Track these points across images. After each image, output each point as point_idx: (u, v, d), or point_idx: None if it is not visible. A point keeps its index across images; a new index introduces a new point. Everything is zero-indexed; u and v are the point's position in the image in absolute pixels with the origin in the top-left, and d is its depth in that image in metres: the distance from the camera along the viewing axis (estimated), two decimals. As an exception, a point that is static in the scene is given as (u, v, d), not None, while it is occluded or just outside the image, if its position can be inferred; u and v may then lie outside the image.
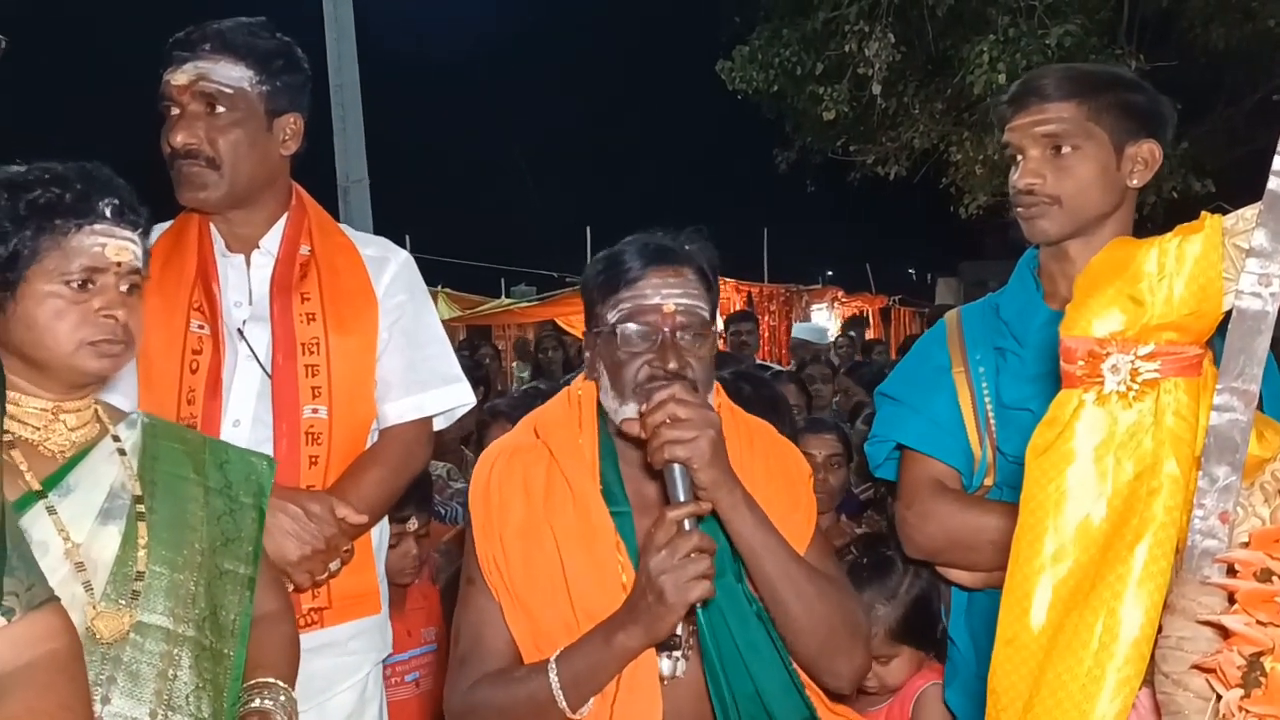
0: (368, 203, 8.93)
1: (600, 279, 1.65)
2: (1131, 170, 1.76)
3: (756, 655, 1.57)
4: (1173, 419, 1.08)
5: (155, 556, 1.50)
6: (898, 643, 2.09)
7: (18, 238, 1.46)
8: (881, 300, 18.76)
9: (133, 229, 1.54)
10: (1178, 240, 1.08)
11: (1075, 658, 1.07)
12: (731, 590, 1.59)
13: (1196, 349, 1.09)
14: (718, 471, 1.53)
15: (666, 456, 1.51)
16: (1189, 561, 1.06)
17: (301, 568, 1.83)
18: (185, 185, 1.92)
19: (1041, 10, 8.97)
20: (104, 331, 1.48)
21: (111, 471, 1.52)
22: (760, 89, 10.73)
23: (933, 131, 10.98)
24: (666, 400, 1.51)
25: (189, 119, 1.90)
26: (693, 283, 1.63)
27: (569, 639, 1.57)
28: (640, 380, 1.58)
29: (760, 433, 1.77)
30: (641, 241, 1.66)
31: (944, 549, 1.85)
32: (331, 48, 8.75)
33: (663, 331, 1.58)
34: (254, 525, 1.65)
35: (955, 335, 1.91)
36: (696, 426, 1.50)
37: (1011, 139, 1.81)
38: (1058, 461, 1.12)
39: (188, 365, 1.90)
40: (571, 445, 1.67)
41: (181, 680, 1.47)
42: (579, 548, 1.60)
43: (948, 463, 1.86)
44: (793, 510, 1.68)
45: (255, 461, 1.71)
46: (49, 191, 1.48)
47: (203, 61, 1.89)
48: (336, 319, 1.99)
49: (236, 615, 1.57)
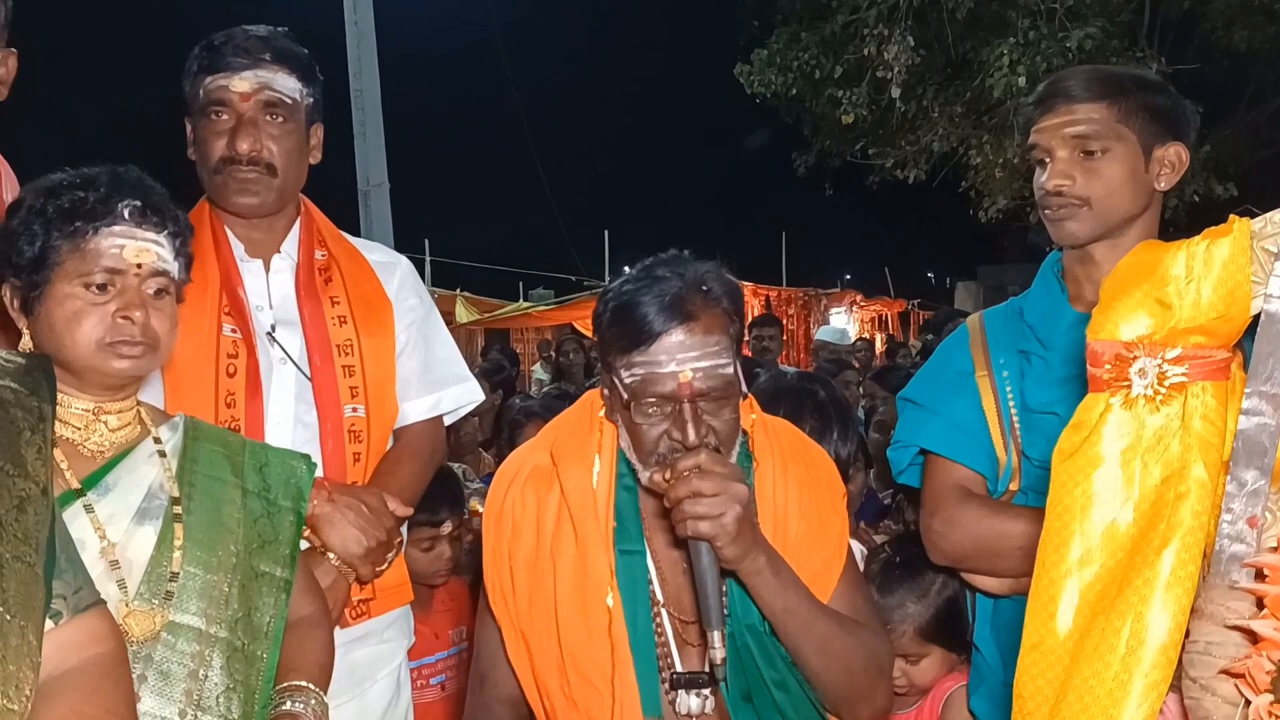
0: (388, 207, 8.99)
1: (613, 329, 1.53)
2: (1159, 173, 1.75)
3: (785, 693, 1.55)
4: (1200, 423, 1.08)
5: (190, 557, 1.50)
6: (928, 642, 2.07)
7: (43, 240, 1.48)
8: (900, 304, 18.73)
9: (157, 230, 1.53)
10: (1205, 243, 1.08)
11: (1102, 662, 1.07)
12: (757, 633, 1.56)
13: (1225, 353, 1.09)
14: (742, 547, 1.47)
15: (690, 532, 1.45)
16: (1217, 566, 1.05)
17: (367, 560, 1.88)
18: (238, 191, 1.94)
19: (1062, 13, 8.93)
20: (121, 333, 1.48)
21: (151, 472, 1.53)
22: (779, 92, 10.74)
23: (952, 135, 10.95)
24: (689, 475, 1.44)
25: (251, 126, 1.92)
26: (714, 336, 1.49)
27: (559, 682, 1.56)
28: (661, 452, 1.51)
29: (797, 458, 1.69)
30: (657, 290, 1.50)
31: (970, 555, 1.83)
32: (352, 53, 8.82)
33: (681, 402, 1.48)
34: (291, 529, 1.65)
35: (978, 339, 1.90)
36: (722, 503, 1.43)
37: (1039, 140, 1.79)
38: (1084, 465, 1.12)
39: (224, 369, 1.92)
40: (583, 480, 1.61)
41: (212, 681, 1.47)
42: (573, 590, 1.57)
43: (972, 468, 1.84)
44: (824, 546, 1.64)
45: (295, 465, 1.71)
46: (74, 195, 1.50)
47: (263, 70, 1.92)
48: (364, 321, 2.04)
49: (271, 618, 1.57)
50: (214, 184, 1.95)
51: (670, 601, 1.61)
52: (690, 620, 1.60)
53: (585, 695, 1.55)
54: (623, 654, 1.53)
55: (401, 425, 2.12)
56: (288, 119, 1.96)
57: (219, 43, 1.94)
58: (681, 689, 1.56)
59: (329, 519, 1.83)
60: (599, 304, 1.59)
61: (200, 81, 1.93)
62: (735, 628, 1.55)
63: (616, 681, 1.52)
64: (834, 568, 1.63)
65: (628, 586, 1.57)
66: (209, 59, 1.93)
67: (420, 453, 2.11)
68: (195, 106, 1.96)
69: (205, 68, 1.93)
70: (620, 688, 1.52)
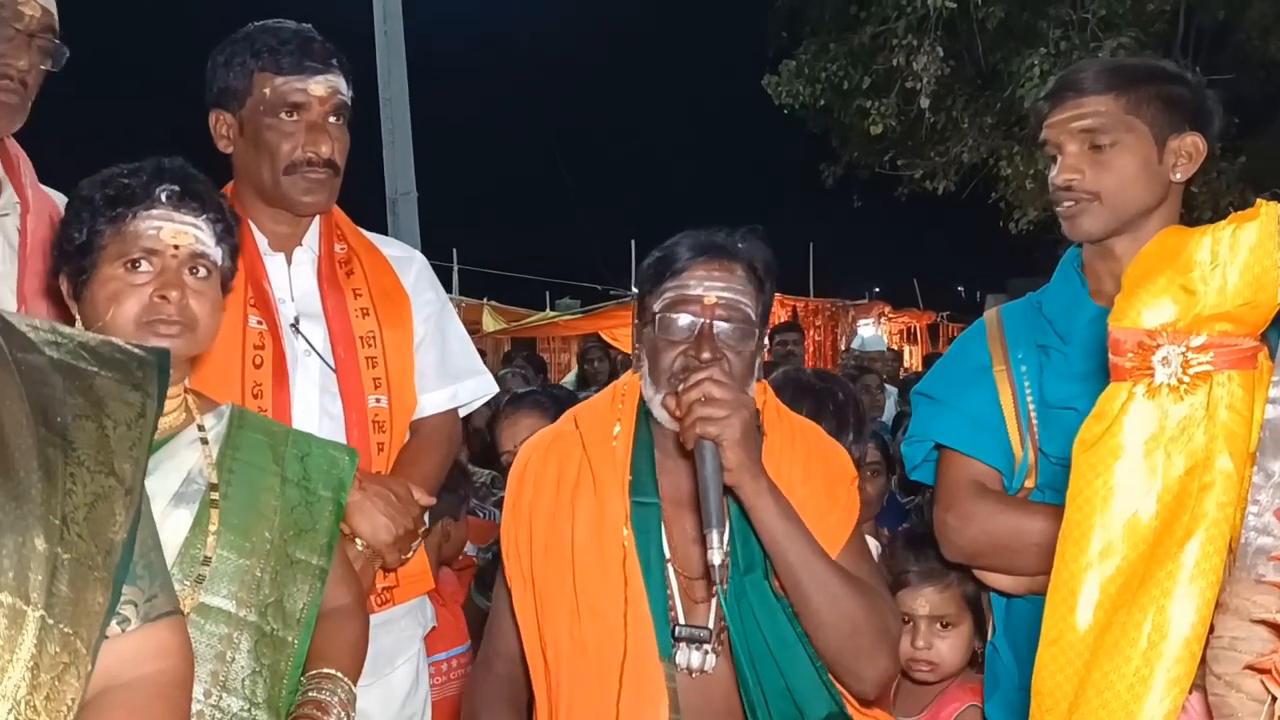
0: (415, 215, 9.04)
1: (650, 270, 1.68)
2: (1175, 164, 1.72)
3: (785, 650, 1.57)
4: (1226, 413, 1.05)
5: (224, 542, 1.52)
6: (965, 608, 2.04)
7: (90, 226, 1.55)
8: (929, 316, 18.58)
9: (195, 214, 1.57)
10: (1231, 228, 1.05)
11: (1123, 657, 1.04)
12: (760, 586, 1.60)
13: (1251, 341, 1.06)
14: (745, 454, 1.54)
15: (698, 432, 1.52)
16: (1242, 559, 1.02)
17: (395, 547, 1.91)
18: (308, 190, 2.00)
19: (1094, 23, 8.88)
20: (158, 312, 1.52)
21: (191, 458, 1.56)
22: (807, 103, 10.73)
23: (982, 146, 10.90)
24: (703, 380, 1.54)
25: (326, 129, 1.99)
26: (739, 279, 1.63)
27: (569, 626, 1.60)
28: (675, 370, 1.60)
29: (805, 434, 1.76)
30: (694, 235, 1.67)
31: (984, 552, 1.80)
32: (382, 62, 8.88)
33: (702, 322, 1.60)
34: (330, 518, 1.67)
35: (996, 333, 1.87)
36: (730, 407, 1.52)
37: (1049, 135, 1.78)
38: (1106, 456, 1.09)
39: (250, 360, 1.96)
40: (603, 435, 1.70)
41: (239, 664, 1.49)
42: (590, 532, 1.63)
43: (988, 463, 1.82)
44: (829, 511, 1.67)
45: (337, 456, 1.73)
46: (119, 183, 1.56)
47: (333, 75, 2.00)
48: (385, 314, 2.09)
49: (305, 605, 1.59)
50: (280, 183, 1.99)
51: (676, 558, 1.66)
52: (695, 577, 1.65)
53: (597, 636, 1.58)
54: (636, 588, 1.59)
55: (419, 417, 2.15)
56: (344, 120, 2.04)
57: (278, 44, 1.96)
58: (683, 642, 1.59)
59: (359, 506, 1.86)
60: (644, 263, 1.71)
61: (265, 81, 1.96)
62: (735, 579, 1.59)
63: (629, 616, 1.58)
64: (840, 533, 1.66)
65: (641, 532, 1.63)
66: (273, 60, 1.95)
67: (440, 444, 2.16)
68: (250, 104, 1.97)
69: (270, 67, 1.95)
70: (633, 623, 1.57)
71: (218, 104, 2.02)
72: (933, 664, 2.05)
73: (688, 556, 1.66)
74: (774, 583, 1.60)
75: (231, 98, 2.00)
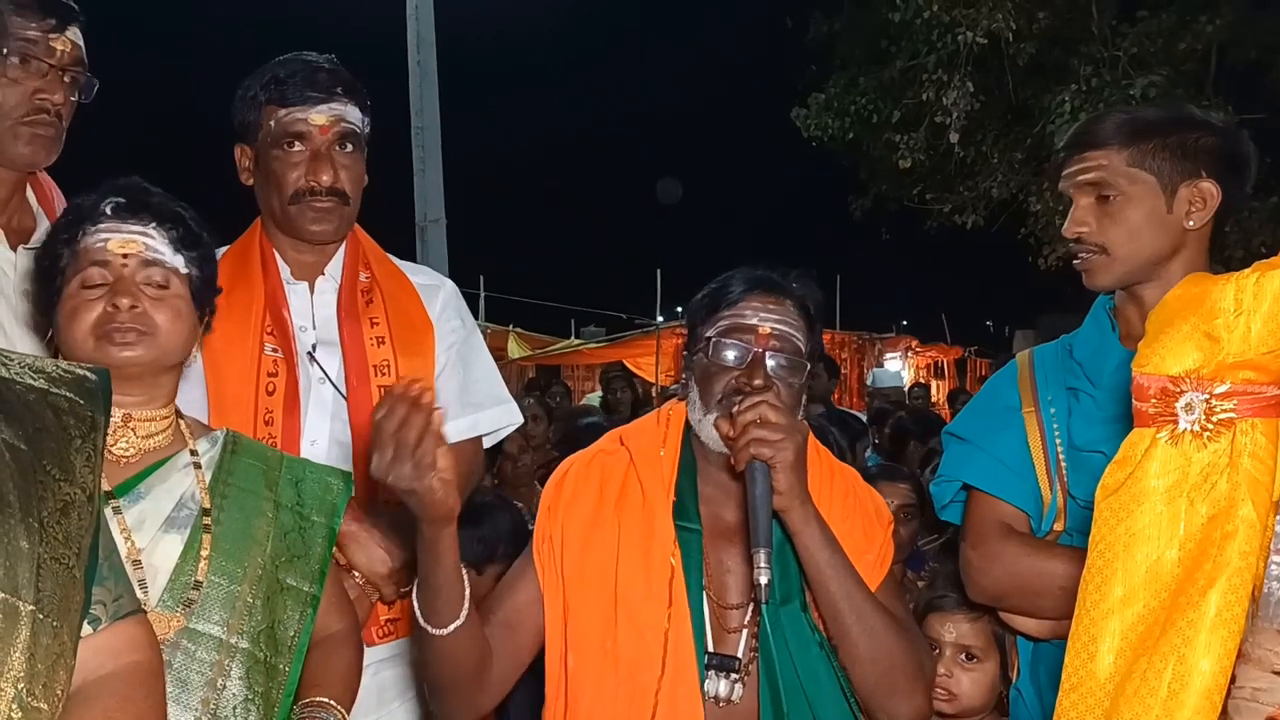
0: (444, 242, 9.12)
1: (704, 300, 1.71)
2: (1188, 212, 1.71)
3: (816, 684, 1.56)
4: (1249, 461, 1.04)
5: (215, 567, 1.52)
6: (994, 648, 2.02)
7: (53, 252, 1.58)
8: (957, 351, 18.47)
9: (143, 224, 1.57)
10: (1255, 276, 1.05)
11: (1143, 705, 1.03)
12: (796, 617, 1.59)
13: (1276, 389, 1.05)
14: (797, 479, 1.54)
15: (753, 452, 1.53)
16: (1265, 609, 1.02)
17: (390, 580, 1.89)
18: (314, 220, 2.00)
19: (1125, 61, 8.86)
20: (109, 320, 1.51)
21: (184, 483, 1.56)
22: (835, 136, 10.74)
23: (1011, 181, 10.86)
24: (760, 402, 1.55)
25: (327, 158, 1.99)
26: (792, 313, 1.67)
27: (603, 632, 1.59)
28: (726, 393, 1.62)
29: (843, 473, 1.77)
30: (749, 270, 1.71)
31: (1009, 593, 1.79)
32: (414, 92, 9.00)
33: (755, 351, 1.63)
34: (323, 544, 1.66)
35: (1026, 375, 1.87)
36: (785, 430, 1.53)
37: (1064, 188, 1.81)
38: (1128, 502, 1.09)
39: (264, 387, 1.96)
40: (652, 454, 1.71)
41: (230, 691, 1.48)
42: (636, 548, 1.63)
43: (1016, 505, 1.81)
44: (866, 549, 1.67)
45: (332, 481, 1.72)
46: (74, 204, 1.59)
47: (336, 103, 2.00)
48: (402, 342, 2.07)
49: (296, 632, 1.58)
50: (288, 213, 2.00)
51: (712, 586, 1.66)
52: (729, 606, 1.64)
53: (632, 651, 1.58)
54: (680, 610, 1.59)
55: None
56: (355, 148, 2.03)
57: (284, 75, 1.99)
58: (713, 670, 1.59)
59: (355, 537, 1.84)
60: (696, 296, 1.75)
61: (270, 113, 1.98)
62: (772, 609, 1.58)
63: (671, 636, 1.57)
64: (877, 573, 1.66)
65: (685, 556, 1.63)
66: (278, 91, 1.98)
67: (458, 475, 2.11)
68: (260, 136, 2.01)
69: (275, 99, 1.98)
70: (674, 644, 1.57)
71: (239, 138, 2.06)
72: (952, 694, 2.03)
73: (723, 585, 1.66)
74: (811, 615, 1.60)
75: (247, 131, 2.03)
